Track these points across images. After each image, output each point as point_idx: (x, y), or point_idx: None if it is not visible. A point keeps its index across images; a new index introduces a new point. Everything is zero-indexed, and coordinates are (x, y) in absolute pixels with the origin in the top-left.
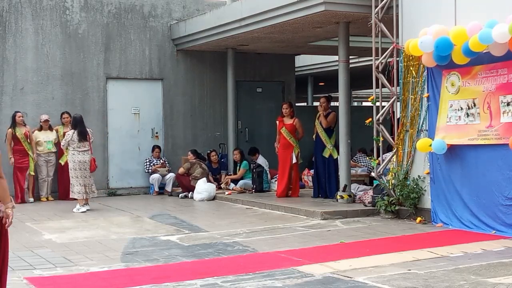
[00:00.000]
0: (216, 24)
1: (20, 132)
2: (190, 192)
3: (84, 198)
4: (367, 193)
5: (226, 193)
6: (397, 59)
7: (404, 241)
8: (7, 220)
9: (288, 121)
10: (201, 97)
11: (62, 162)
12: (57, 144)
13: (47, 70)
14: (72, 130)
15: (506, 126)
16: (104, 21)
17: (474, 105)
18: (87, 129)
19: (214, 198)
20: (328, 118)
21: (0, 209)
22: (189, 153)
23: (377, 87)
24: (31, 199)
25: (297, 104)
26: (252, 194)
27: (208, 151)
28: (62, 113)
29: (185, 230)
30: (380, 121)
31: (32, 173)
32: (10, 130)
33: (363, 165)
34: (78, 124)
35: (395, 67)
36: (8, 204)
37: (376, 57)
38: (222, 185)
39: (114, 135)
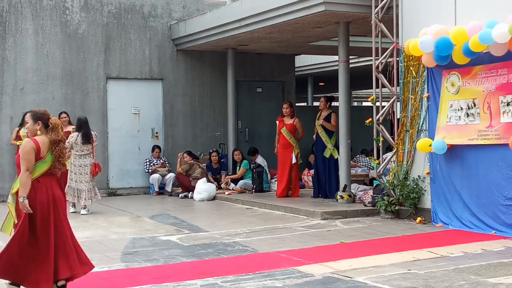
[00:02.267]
0: (216, 24)
1: (23, 131)
2: (190, 192)
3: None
4: (367, 193)
5: (226, 193)
6: (397, 59)
7: (404, 241)
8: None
9: (288, 121)
10: (201, 97)
11: None
12: None
13: (47, 70)
14: (77, 132)
15: (506, 126)
16: (104, 21)
17: (474, 105)
18: (92, 132)
19: (214, 198)
20: (332, 121)
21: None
22: (185, 154)
23: (377, 87)
24: None
25: (297, 104)
26: (252, 194)
27: (210, 151)
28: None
29: (185, 230)
30: (380, 121)
31: None
32: (17, 128)
33: (363, 165)
34: (83, 125)
35: (395, 67)
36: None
37: (376, 57)
38: (222, 185)
39: (114, 135)
